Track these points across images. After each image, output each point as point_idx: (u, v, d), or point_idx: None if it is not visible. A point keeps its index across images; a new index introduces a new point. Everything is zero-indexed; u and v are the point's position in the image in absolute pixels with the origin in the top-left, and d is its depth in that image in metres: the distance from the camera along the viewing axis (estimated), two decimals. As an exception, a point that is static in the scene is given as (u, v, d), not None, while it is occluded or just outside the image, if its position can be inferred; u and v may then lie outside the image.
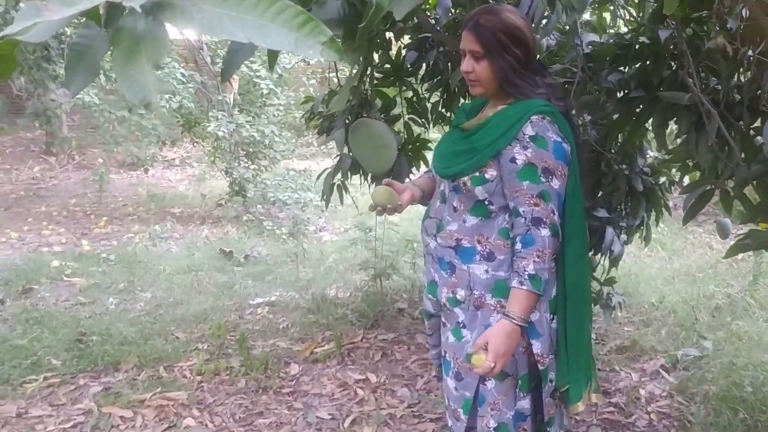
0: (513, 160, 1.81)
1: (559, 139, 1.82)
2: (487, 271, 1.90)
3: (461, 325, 1.98)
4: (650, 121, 2.61)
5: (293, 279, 5.07)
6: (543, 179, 1.79)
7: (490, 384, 1.94)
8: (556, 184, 1.81)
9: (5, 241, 6.20)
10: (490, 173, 1.86)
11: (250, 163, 6.93)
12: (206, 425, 2.91)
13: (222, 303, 4.53)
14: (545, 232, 1.78)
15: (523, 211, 1.81)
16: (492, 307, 1.90)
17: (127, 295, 4.73)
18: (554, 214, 1.80)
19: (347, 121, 3.82)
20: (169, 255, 5.75)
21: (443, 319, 2.08)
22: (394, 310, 4.27)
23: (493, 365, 1.76)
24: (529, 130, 1.81)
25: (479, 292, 1.91)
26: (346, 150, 3.73)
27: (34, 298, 4.64)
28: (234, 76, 6.37)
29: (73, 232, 6.61)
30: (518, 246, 1.82)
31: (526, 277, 1.78)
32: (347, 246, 5.78)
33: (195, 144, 8.06)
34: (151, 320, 4.22)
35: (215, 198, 7.81)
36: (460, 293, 1.96)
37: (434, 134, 4.60)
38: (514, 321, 1.79)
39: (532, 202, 1.80)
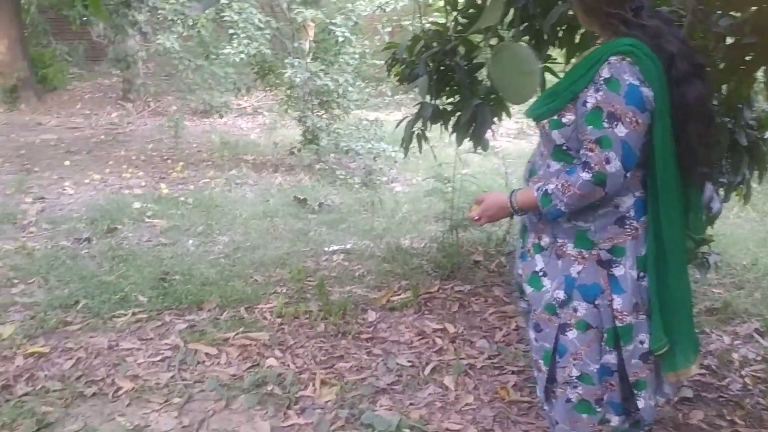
0: (584, 103, 1.76)
1: (636, 83, 1.71)
2: (568, 220, 1.87)
3: (540, 273, 1.96)
4: (761, 70, 2.43)
5: (367, 228, 5.07)
6: (605, 124, 1.71)
7: (572, 334, 1.91)
8: (621, 131, 1.70)
9: (88, 183, 6.42)
10: (568, 117, 1.82)
11: (323, 112, 6.90)
12: (288, 366, 2.96)
13: (298, 249, 4.57)
14: (586, 175, 1.73)
15: (581, 154, 1.77)
16: (573, 258, 1.88)
17: (205, 237, 4.83)
18: (608, 162, 1.71)
19: (428, 69, 3.73)
20: (244, 201, 5.83)
21: (520, 270, 2.08)
22: (469, 262, 4.21)
23: (477, 218, 2.01)
24: (605, 72, 1.73)
25: (561, 240, 1.91)
26: (428, 98, 3.66)
27: (118, 237, 4.80)
28: (310, 22, 6.31)
29: (152, 176, 6.78)
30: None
31: (543, 190, 1.82)
32: (420, 197, 5.74)
33: (267, 92, 8.08)
34: (230, 263, 4.30)
35: (287, 146, 7.86)
36: (545, 240, 1.96)
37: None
38: (510, 203, 1.91)
39: (588, 147, 1.74)
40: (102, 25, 10.99)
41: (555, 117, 1.85)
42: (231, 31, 6.24)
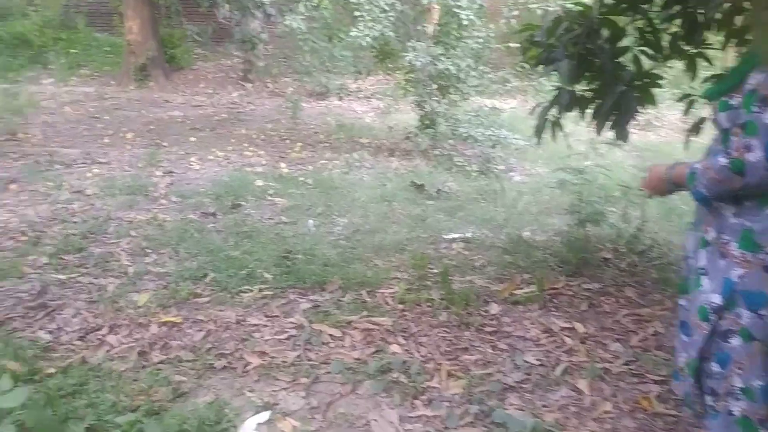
0: (747, 84, 1.65)
1: None
2: (735, 215, 1.74)
3: (702, 271, 1.85)
4: None
5: (486, 217, 4.93)
6: (755, 108, 1.59)
7: (735, 341, 1.76)
8: None
9: (212, 159, 6.65)
10: (736, 99, 1.69)
11: (441, 96, 6.79)
12: (412, 354, 2.90)
13: (416, 235, 4.51)
14: (723, 160, 1.65)
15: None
16: (736, 260, 1.73)
17: (325, 218, 4.86)
18: (748, 150, 1.58)
19: (569, 52, 3.53)
20: (361, 183, 5.84)
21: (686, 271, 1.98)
22: (598, 259, 3.99)
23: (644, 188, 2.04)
24: None
25: (727, 237, 1.77)
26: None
27: (241, 213, 4.92)
28: (435, 5, 6.19)
29: (271, 155, 6.94)
30: None
31: (692, 168, 1.79)
32: (541, 188, 5.54)
33: (382, 76, 8.07)
34: (350, 245, 4.30)
35: (401, 131, 7.83)
36: (710, 234, 1.83)
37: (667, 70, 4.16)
38: (667, 174, 1.92)
39: (734, 130, 1.66)
40: (228, 7, 11.37)
41: (724, 98, 1.73)
42: (357, 13, 6.24)
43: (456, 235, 4.50)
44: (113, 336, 2.97)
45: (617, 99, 3.33)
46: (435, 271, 3.81)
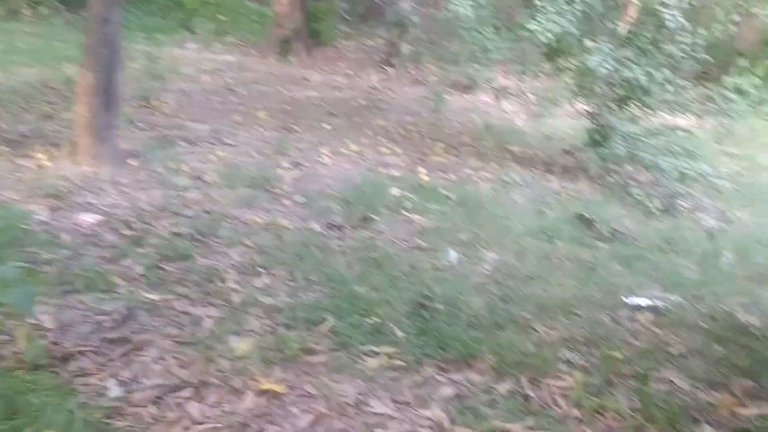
0: None
1: None
2: None
3: None
4: None
5: (676, 277, 3.85)
6: None
7: None
8: None
9: (345, 154, 5.92)
10: None
11: (618, 109, 5.67)
12: None
13: (588, 293, 3.53)
14: None
15: None
16: None
17: (469, 250, 3.98)
18: None
19: None
20: (514, 206, 4.90)
21: None
22: None
23: None
24: None
25: None
26: None
27: (372, 229, 4.14)
28: (634, 0, 5.07)
29: (410, 156, 6.12)
30: None
31: None
32: (750, 243, 4.35)
33: (549, 76, 7.00)
34: (501, 295, 3.40)
35: (559, 141, 6.78)
36: None
37: None
38: None
39: None
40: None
41: None
42: (538, 2, 5.23)
43: (642, 302, 3.47)
44: (196, 404, 2.26)
45: None
46: (617, 355, 2.84)
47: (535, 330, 3.07)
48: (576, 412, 2.44)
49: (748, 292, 3.71)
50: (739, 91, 8.41)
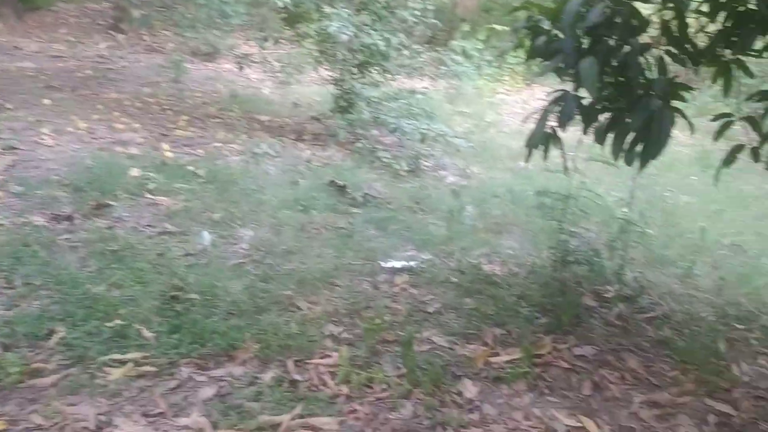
0: None
1: None
2: None
3: None
4: None
5: (427, 235, 4.00)
6: None
7: None
8: None
9: (72, 132, 5.19)
10: None
11: (360, 75, 5.74)
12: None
13: (346, 261, 3.50)
14: None
15: None
16: None
17: (223, 229, 3.72)
18: None
19: (580, 46, 2.66)
20: (267, 178, 4.70)
21: None
22: (580, 308, 3.19)
23: None
24: None
25: None
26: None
27: (109, 217, 3.67)
28: (366, -37, 5.10)
29: (150, 131, 5.58)
30: None
31: None
32: (487, 197, 4.69)
33: (291, 42, 6.86)
34: (259, 274, 3.22)
35: (307, 108, 6.73)
36: None
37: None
38: None
39: None
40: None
41: None
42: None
43: (397, 264, 3.54)
44: None
45: (650, 117, 2.49)
46: (380, 322, 2.83)
47: (299, 308, 2.95)
48: (345, 389, 2.37)
49: (489, 243, 3.98)
50: (465, 54, 9.13)
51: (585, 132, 2.70)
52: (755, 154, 2.81)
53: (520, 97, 9.93)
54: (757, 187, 5.78)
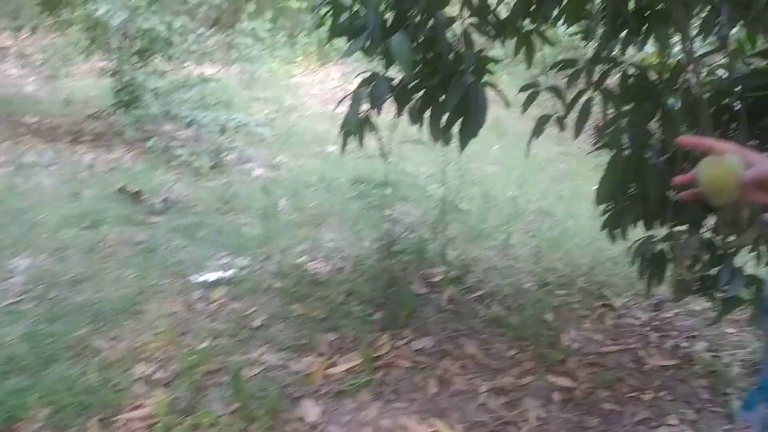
0: None
1: None
2: None
3: None
4: None
5: (239, 238, 3.65)
6: None
7: None
8: None
9: None
10: None
11: (142, 64, 5.15)
12: None
13: (151, 282, 3.04)
14: None
15: None
16: None
17: (-10, 263, 3.07)
18: None
19: (385, 23, 2.47)
20: (42, 193, 4.01)
21: None
22: (410, 296, 3.06)
23: None
24: None
25: None
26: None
27: None
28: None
29: None
30: None
31: None
32: (300, 188, 4.43)
33: (53, 31, 5.99)
34: (42, 313, 2.68)
35: (83, 105, 5.97)
36: None
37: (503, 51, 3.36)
38: None
39: None
40: None
41: None
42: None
43: (212, 276, 3.15)
44: None
45: (465, 93, 2.38)
46: (199, 350, 2.47)
47: (97, 350, 2.48)
48: (166, 443, 2.00)
49: (309, 238, 3.73)
50: (255, 36, 8.70)
51: (399, 114, 2.52)
52: (560, 123, 2.84)
53: (317, 78, 9.72)
54: (547, 150, 6.13)
